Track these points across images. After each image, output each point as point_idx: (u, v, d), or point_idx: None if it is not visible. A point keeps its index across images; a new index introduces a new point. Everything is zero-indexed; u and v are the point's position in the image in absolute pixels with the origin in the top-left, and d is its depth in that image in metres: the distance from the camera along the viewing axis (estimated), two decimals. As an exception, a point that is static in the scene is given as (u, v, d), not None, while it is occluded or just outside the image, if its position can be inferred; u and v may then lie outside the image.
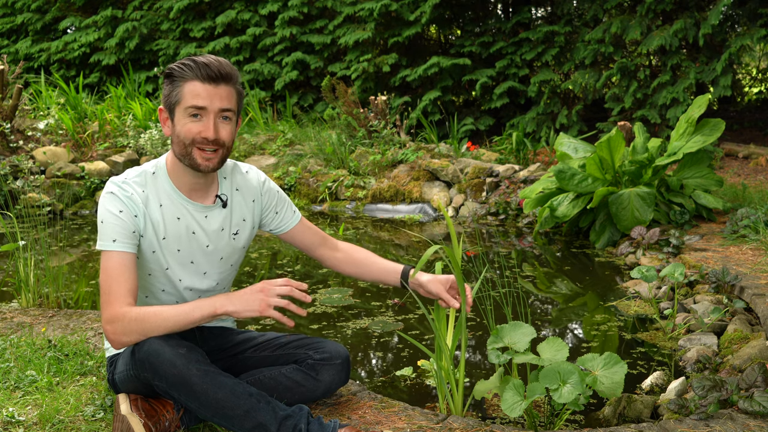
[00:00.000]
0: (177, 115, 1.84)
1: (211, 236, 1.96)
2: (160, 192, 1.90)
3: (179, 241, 1.92)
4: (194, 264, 1.96)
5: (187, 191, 1.93)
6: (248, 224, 2.05)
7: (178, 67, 1.82)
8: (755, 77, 9.79)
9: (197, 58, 1.82)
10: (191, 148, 1.84)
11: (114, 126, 7.55)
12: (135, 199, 1.85)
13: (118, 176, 1.89)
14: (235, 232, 2.02)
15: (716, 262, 3.54)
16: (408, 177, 6.37)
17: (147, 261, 1.91)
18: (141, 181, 1.89)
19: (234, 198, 2.01)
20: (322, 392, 1.99)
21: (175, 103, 1.83)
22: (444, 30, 9.75)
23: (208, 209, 1.95)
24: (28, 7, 11.46)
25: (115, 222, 1.81)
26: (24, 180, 6.03)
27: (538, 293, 3.62)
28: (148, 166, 1.93)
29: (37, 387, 2.12)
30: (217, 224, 1.97)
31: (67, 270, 4.13)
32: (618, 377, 1.91)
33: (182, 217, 1.92)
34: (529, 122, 7.89)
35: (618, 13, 7.77)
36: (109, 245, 1.80)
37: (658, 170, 4.49)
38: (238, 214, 2.02)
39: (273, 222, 2.12)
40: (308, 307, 3.36)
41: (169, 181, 1.91)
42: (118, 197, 1.84)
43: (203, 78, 1.80)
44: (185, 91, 1.81)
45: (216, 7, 9.91)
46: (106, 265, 1.80)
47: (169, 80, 1.85)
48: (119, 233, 1.81)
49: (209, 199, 1.97)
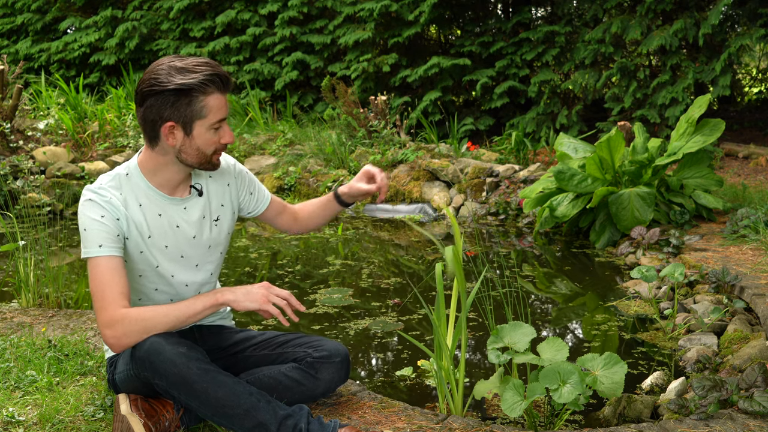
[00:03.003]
0: (197, 129, 1.82)
1: (194, 227, 1.97)
2: (137, 192, 1.89)
3: (165, 237, 1.93)
4: (185, 258, 1.97)
5: (165, 188, 1.93)
6: (227, 209, 2.06)
7: (200, 84, 1.76)
8: (755, 77, 9.79)
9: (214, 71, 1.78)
10: (212, 156, 1.89)
11: (114, 126, 7.55)
12: (114, 203, 1.84)
13: (92, 184, 1.88)
14: (216, 218, 2.03)
15: (716, 262, 3.54)
16: (408, 177, 6.37)
17: (136, 262, 1.91)
18: (116, 184, 1.88)
19: (209, 185, 2.02)
20: (322, 391, 1.99)
21: (197, 117, 1.80)
22: (444, 30, 9.75)
23: (185, 201, 1.96)
24: (29, 7, 11.46)
25: (98, 228, 1.80)
26: (24, 180, 6.03)
27: (538, 293, 3.62)
28: (120, 169, 1.92)
29: (37, 387, 2.12)
30: (198, 214, 1.98)
31: (67, 270, 4.13)
32: (618, 377, 1.91)
33: (163, 213, 1.92)
34: (529, 122, 7.89)
35: (618, 13, 7.77)
36: (95, 251, 1.79)
37: (658, 170, 4.49)
38: (216, 200, 2.03)
39: (250, 204, 2.15)
40: (309, 308, 3.36)
41: (144, 179, 1.91)
42: (96, 203, 1.82)
43: (222, 89, 1.82)
44: (210, 105, 1.80)
45: (216, 7, 9.91)
46: (95, 272, 1.78)
47: (183, 94, 1.76)
48: (104, 238, 1.80)
49: (185, 191, 1.97)
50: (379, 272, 4.07)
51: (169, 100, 1.77)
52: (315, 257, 4.51)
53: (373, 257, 4.52)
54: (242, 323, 3.14)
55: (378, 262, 4.35)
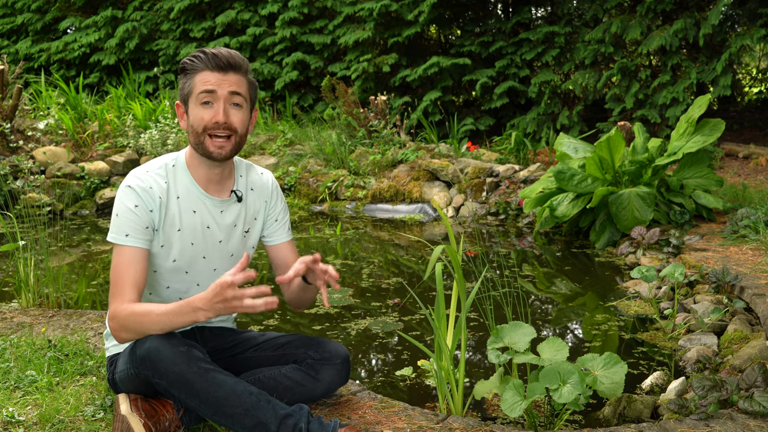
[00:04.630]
0: (191, 105, 1.87)
1: (224, 231, 1.98)
2: (179, 184, 1.92)
3: (194, 235, 1.94)
4: (206, 259, 1.98)
5: (204, 184, 1.95)
6: (259, 223, 2.08)
7: (189, 59, 1.86)
8: (755, 77, 9.79)
9: (207, 50, 1.85)
10: (203, 137, 1.85)
11: (114, 126, 7.55)
12: (153, 193, 1.86)
13: (139, 168, 1.91)
14: (247, 230, 2.04)
15: (716, 262, 3.54)
16: (408, 177, 6.37)
17: (154, 257, 1.92)
18: (162, 173, 1.91)
19: (248, 196, 2.04)
20: (322, 392, 1.99)
21: (188, 93, 1.87)
22: (444, 30, 9.75)
23: (224, 203, 1.98)
24: (29, 7, 11.46)
25: (129, 216, 1.83)
26: (24, 180, 6.03)
27: (538, 293, 3.62)
28: (168, 159, 1.95)
29: (37, 387, 2.12)
30: (231, 219, 1.99)
31: (67, 270, 4.13)
32: (618, 377, 1.91)
33: (198, 211, 1.94)
34: (530, 122, 7.89)
35: (618, 13, 7.77)
36: (121, 239, 1.82)
37: (658, 170, 4.49)
38: (251, 211, 2.04)
39: (270, 228, 2.11)
40: (309, 308, 3.36)
41: (187, 173, 1.93)
42: (135, 191, 1.85)
43: (212, 67, 1.83)
44: (196, 80, 1.84)
45: (216, 7, 9.91)
46: (117, 260, 1.82)
47: (182, 74, 1.88)
48: (132, 228, 1.83)
49: (225, 194, 1.99)
50: (379, 272, 4.07)
51: (180, 82, 1.90)
52: (315, 257, 4.51)
53: (373, 257, 4.52)
54: (243, 323, 3.14)
55: (378, 262, 4.35)
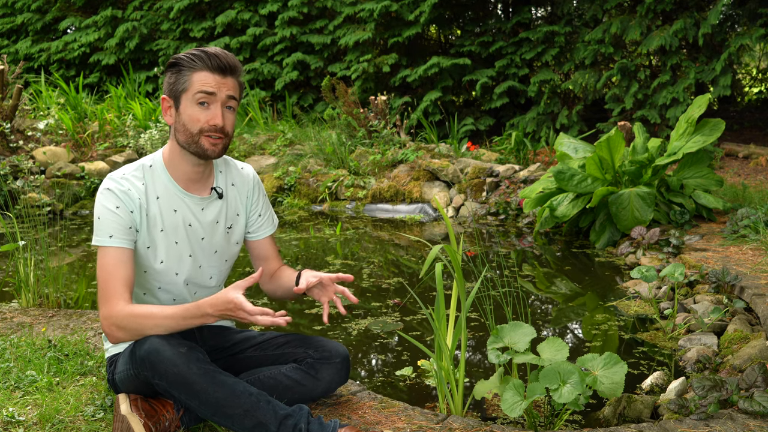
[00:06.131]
0: (183, 102, 1.85)
1: (206, 228, 1.98)
2: (157, 184, 1.92)
3: (176, 234, 1.94)
4: (192, 258, 1.98)
5: (185, 183, 1.95)
6: (242, 219, 2.08)
7: (186, 57, 1.84)
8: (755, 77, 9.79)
9: (206, 50, 1.84)
10: (199, 137, 1.85)
11: (114, 126, 7.55)
12: (132, 195, 1.86)
13: (115, 171, 1.91)
14: (230, 226, 2.04)
15: (716, 262, 3.54)
16: (408, 177, 6.36)
17: (142, 258, 1.92)
18: (139, 174, 1.91)
19: (229, 192, 2.04)
20: (322, 391, 1.99)
21: (182, 90, 1.85)
22: (444, 30, 9.75)
23: (204, 201, 1.98)
24: (28, 7, 11.46)
25: (111, 218, 1.83)
26: (24, 180, 6.03)
27: (538, 293, 3.62)
28: (145, 160, 1.95)
29: (37, 387, 2.12)
30: (213, 216, 1.99)
31: (67, 270, 4.13)
32: (618, 377, 1.91)
33: (179, 209, 1.94)
34: (530, 122, 7.89)
35: (618, 13, 7.77)
36: (105, 241, 1.82)
37: (658, 170, 4.49)
38: (233, 208, 2.04)
39: (254, 224, 2.12)
40: (309, 308, 3.36)
41: (166, 173, 1.93)
42: (114, 193, 1.85)
43: (212, 68, 1.83)
44: (194, 79, 1.83)
45: (216, 7, 9.91)
46: (102, 262, 1.82)
47: (174, 69, 1.86)
48: (115, 229, 1.83)
49: (205, 191, 1.99)
50: (380, 272, 4.07)
51: (169, 77, 1.88)
52: (315, 257, 4.51)
53: (373, 257, 4.52)
54: (242, 323, 3.14)
55: (378, 262, 4.35)
